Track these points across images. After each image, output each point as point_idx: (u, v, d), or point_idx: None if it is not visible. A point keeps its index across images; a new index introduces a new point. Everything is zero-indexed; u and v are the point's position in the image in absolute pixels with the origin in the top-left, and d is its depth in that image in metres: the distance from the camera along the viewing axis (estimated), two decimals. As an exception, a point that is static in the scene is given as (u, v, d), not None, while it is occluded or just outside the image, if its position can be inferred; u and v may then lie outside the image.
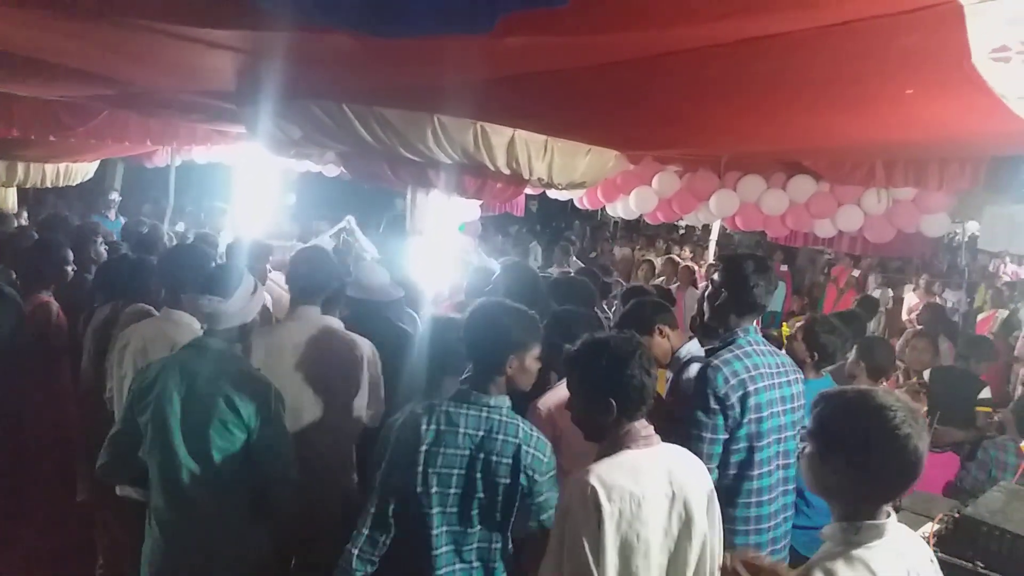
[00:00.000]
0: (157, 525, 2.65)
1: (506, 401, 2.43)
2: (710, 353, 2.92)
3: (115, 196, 10.12)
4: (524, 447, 2.35)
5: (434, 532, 2.33)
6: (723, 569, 1.88)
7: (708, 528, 2.15)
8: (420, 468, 2.31)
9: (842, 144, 5.42)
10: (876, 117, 4.10)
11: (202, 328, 2.80)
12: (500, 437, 2.34)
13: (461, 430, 2.34)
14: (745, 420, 2.74)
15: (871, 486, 1.70)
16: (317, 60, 3.84)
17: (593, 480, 2.01)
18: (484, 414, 2.36)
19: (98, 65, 4.71)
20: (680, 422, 2.78)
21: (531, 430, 2.43)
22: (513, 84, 3.71)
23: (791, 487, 2.95)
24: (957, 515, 2.72)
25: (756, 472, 2.78)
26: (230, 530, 2.62)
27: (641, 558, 2.03)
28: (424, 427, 2.33)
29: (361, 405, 3.23)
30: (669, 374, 3.36)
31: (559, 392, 2.96)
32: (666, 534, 2.08)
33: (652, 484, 2.07)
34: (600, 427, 2.18)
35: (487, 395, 2.39)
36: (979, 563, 2.54)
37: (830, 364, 3.79)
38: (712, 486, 2.23)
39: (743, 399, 2.73)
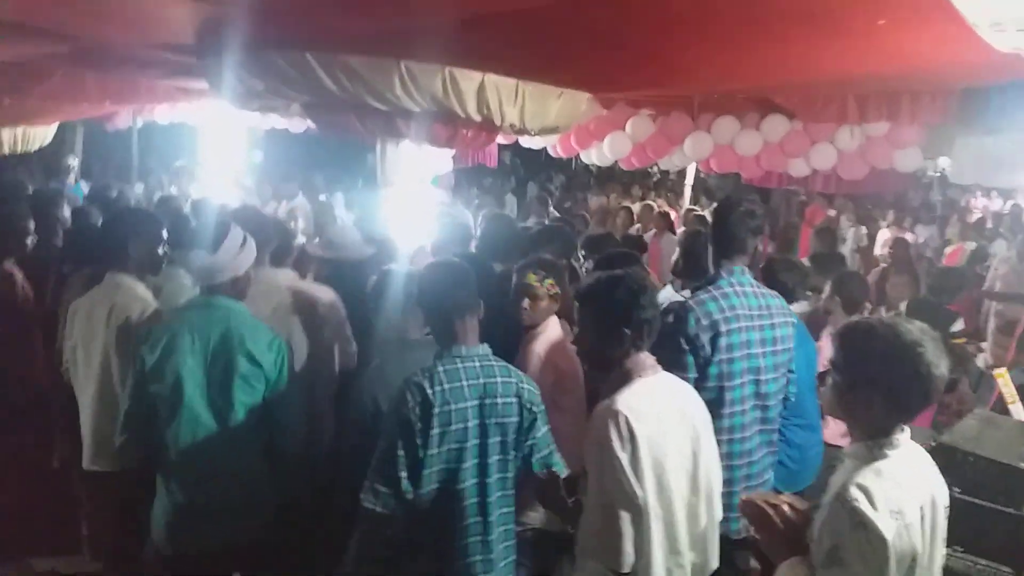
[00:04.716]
0: (176, 485, 2.63)
1: (487, 347, 2.48)
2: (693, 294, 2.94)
3: (73, 161, 9.76)
4: (520, 384, 2.45)
5: (460, 487, 2.35)
6: (742, 505, 1.99)
7: (708, 447, 2.31)
8: (436, 431, 2.30)
9: (815, 78, 5.38)
10: (848, 49, 4.06)
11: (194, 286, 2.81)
12: (500, 380, 2.41)
13: (464, 383, 2.36)
14: (716, 360, 2.77)
15: (898, 413, 1.79)
16: (279, 9, 3.73)
17: (622, 408, 2.11)
18: (478, 364, 2.41)
19: (51, 20, 4.52)
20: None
21: (517, 369, 2.52)
22: (481, 25, 3.61)
23: (772, 427, 2.97)
24: (933, 444, 2.77)
25: (728, 411, 2.81)
26: (247, 483, 2.67)
27: (671, 475, 2.17)
28: (430, 391, 2.30)
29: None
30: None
31: (549, 336, 3.09)
32: (681, 452, 2.22)
33: (668, 407, 2.22)
34: (609, 359, 2.27)
35: (475, 345, 2.44)
36: (956, 489, 2.56)
37: (790, 300, 3.70)
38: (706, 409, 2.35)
39: (713, 339, 2.76)
